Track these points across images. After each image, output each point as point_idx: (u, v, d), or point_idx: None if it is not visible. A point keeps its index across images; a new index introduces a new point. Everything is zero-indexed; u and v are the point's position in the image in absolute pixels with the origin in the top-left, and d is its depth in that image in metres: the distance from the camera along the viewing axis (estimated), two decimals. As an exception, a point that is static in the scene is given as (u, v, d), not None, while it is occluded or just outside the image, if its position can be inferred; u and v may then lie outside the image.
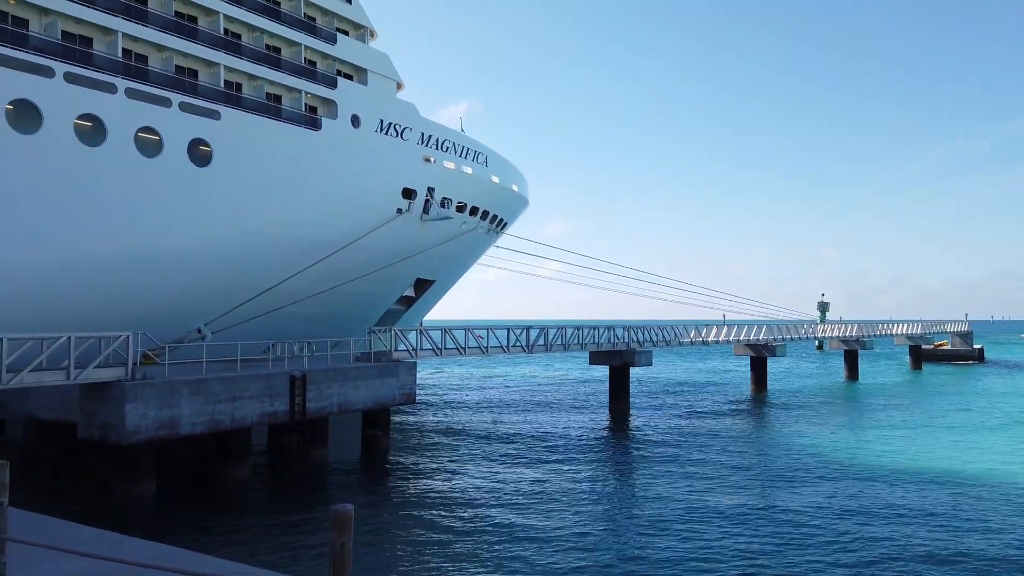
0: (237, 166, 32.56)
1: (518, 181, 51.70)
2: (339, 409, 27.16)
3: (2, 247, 26.08)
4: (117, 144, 28.64)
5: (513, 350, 35.84)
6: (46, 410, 23.79)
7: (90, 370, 20.40)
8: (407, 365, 30.24)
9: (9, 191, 25.97)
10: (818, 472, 26.12)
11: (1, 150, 25.69)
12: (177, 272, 30.89)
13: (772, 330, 55.82)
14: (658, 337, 45.49)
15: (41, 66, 26.90)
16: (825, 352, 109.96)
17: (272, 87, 35.89)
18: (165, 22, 31.67)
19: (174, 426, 21.77)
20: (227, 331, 29.60)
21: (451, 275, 50.05)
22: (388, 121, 39.66)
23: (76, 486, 22.74)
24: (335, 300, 36.99)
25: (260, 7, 35.54)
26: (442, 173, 42.60)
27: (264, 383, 24.61)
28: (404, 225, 40.25)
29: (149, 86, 30.10)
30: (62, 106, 27.25)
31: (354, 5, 40.92)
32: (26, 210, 26.47)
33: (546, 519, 19.90)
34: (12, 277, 26.34)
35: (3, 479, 5.32)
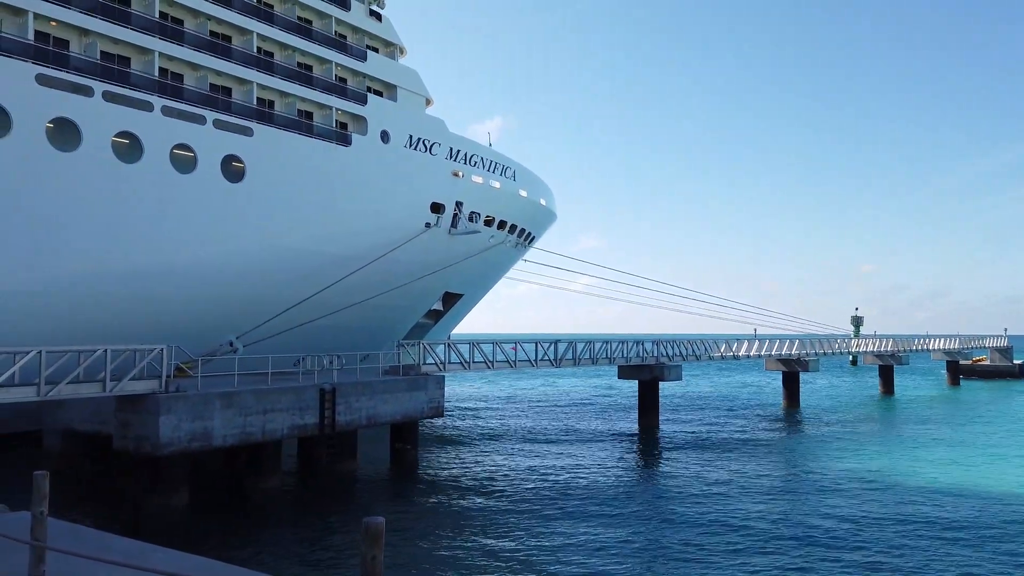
0: (269, 182, 33.08)
1: (546, 195, 51.78)
2: (368, 422, 27.26)
3: (43, 262, 26.74)
4: (153, 161, 29.28)
5: (541, 364, 35.72)
6: (82, 421, 24.21)
7: (125, 382, 20.74)
8: (435, 379, 30.28)
9: (49, 207, 26.65)
10: (852, 490, 25.56)
11: (42, 167, 26.38)
12: (210, 286, 31.39)
13: (804, 344, 54.96)
14: (688, 351, 45.03)
15: (81, 85, 27.66)
16: (859, 367, 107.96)
17: (304, 104, 36.47)
18: (200, 41, 32.39)
19: (206, 438, 22.00)
20: (258, 344, 29.94)
21: (479, 289, 50.19)
22: (417, 136, 40.03)
23: (111, 497, 23.06)
24: (364, 313, 37.27)
25: (292, 26, 36.21)
26: (470, 187, 42.84)
27: (294, 396, 24.80)
28: (432, 239, 40.50)
29: (184, 104, 30.78)
30: (100, 124, 27.97)
31: (384, 23, 41.50)
32: (66, 226, 27.13)
33: (575, 533, 19.71)
34: (52, 291, 26.97)
35: (43, 490, 5.40)
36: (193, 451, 21.86)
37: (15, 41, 26.41)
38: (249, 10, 34.30)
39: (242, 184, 32.16)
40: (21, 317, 26.15)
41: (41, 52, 27.01)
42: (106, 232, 28.14)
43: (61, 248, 27.13)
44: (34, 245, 26.46)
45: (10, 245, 25.92)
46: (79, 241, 27.52)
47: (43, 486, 5.43)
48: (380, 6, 42.44)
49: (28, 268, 26.41)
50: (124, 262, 28.77)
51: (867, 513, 22.26)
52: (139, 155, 28.94)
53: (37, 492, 5.38)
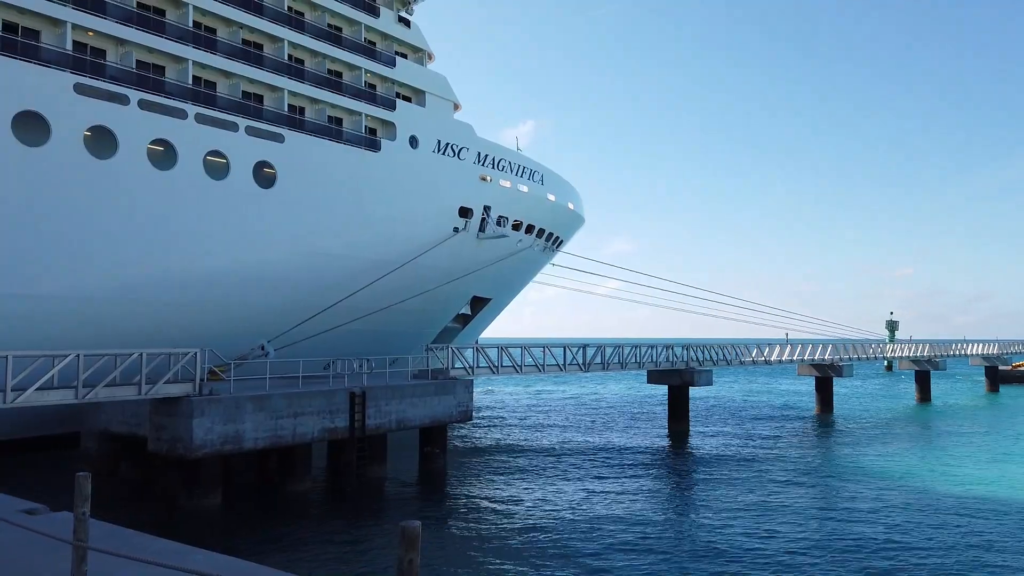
0: (300, 187, 33.43)
1: (574, 199, 51.65)
2: (397, 426, 27.35)
3: (80, 269, 27.29)
4: (187, 167, 29.76)
5: (569, 368, 35.56)
6: (119, 424, 24.63)
7: (160, 385, 21.06)
8: (464, 383, 30.30)
9: (87, 214, 27.20)
10: (887, 499, 25.03)
11: (80, 175, 26.94)
12: (242, 290, 31.78)
13: (838, 349, 54.04)
14: (718, 356, 44.53)
15: (117, 94, 28.21)
16: (894, 372, 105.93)
17: (333, 110, 36.82)
18: (233, 49, 32.87)
19: (238, 441, 22.25)
20: (289, 348, 30.23)
21: (507, 293, 50.19)
22: (445, 141, 40.19)
23: (146, 497, 23.41)
24: (393, 318, 37.46)
25: (323, 33, 36.60)
26: (498, 192, 42.88)
27: (325, 399, 24.98)
28: (461, 243, 40.59)
29: (217, 111, 31.24)
30: (136, 132, 28.49)
31: (413, 29, 41.76)
32: (102, 233, 27.66)
33: (604, 538, 19.55)
34: (90, 297, 27.50)
35: (85, 491, 5.47)
36: (225, 453, 22.12)
37: (54, 51, 27.04)
38: (280, 18, 34.75)
39: (273, 190, 32.54)
40: (59, 322, 26.69)
41: (79, 62, 27.62)
42: (141, 238, 28.63)
43: (98, 254, 27.66)
44: (72, 252, 27.02)
45: (49, 252, 26.49)
46: (115, 248, 28.04)
47: (85, 487, 5.50)
48: (409, 12, 42.74)
49: (66, 274, 26.96)
50: (159, 268, 29.25)
51: (902, 523, 21.77)
52: (173, 162, 29.44)
53: (79, 493, 5.46)
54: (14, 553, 7.68)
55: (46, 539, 6.57)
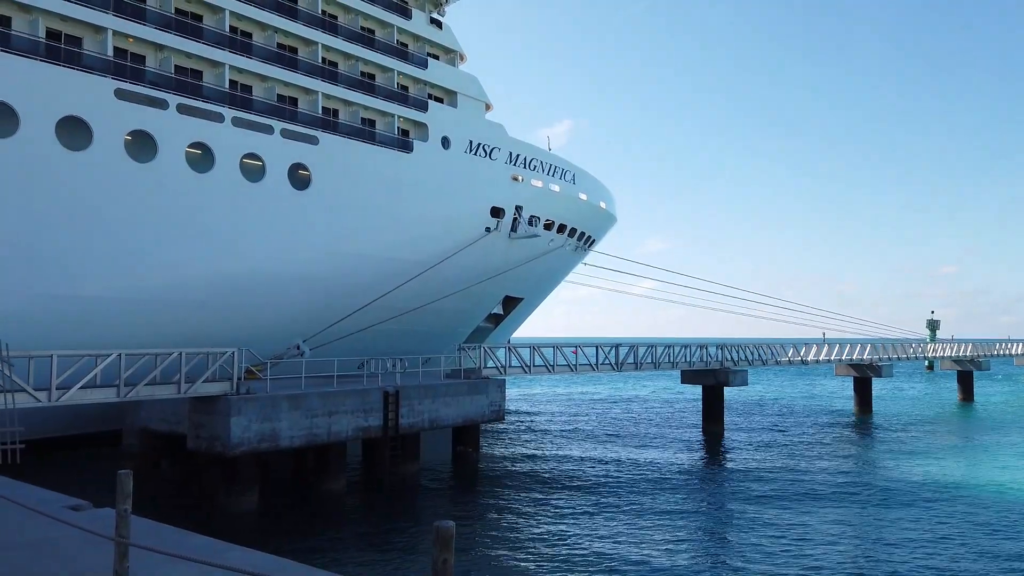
0: (334, 189, 33.80)
1: (606, 198, 51.40)
2: (430, 425, 27.49)
3: (122, 271, 27.91)
4: (224, 170, 30.26)
5: (602, 368, 35.38)
6: (159, 421, 25.14)
7: (199, 384, 21.44)
8: (496, 382, 30.34)
9: (128, 217, 27.81)
10: (930, 501, 24.45)
11: (121, 178, 27.56)
12: (278, 291, 32.21)
13: (877, 349, 52.96)
14: (753, 356, 43.94)
15: (156, 99, 28.80)
16: (936, 373, 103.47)
17: (367, 112, 37.14)
18: (268, 54, 33.35)
19: (274, 439, 22.56)
20: (323, 348, 30.57)
21: (539, 292, 50.13)
22: (477, 142, 40.28)
23: (185, 494, 23.86)
24: (426, 317, 37.66)
25: (356, 36, 36.94)
26: (530, 191, 42.85)
27: (359, 398, 25.20)
28: (493, 243, 40.65)
29: (253, 114, 31.72)
30: (175, 135, 29.05)
31: (444, 30, 41.93)
32: (143, 235, 28.26)
33: (639, 539, 19.41)
34: (131, 297, 28.12)
35: (126, 489, 5.59)
36: (262, 451, 22.43)
37: (96, 57, 27.69)
38: (314, 22, 35.16)
39: (308, 191, 32.94)
40: (102, 322, 27.33)
41: (120, 67, 28.25)
42: (180, 240, 29.19)
43: (139, 256, 28.27)
44: (114, 254, 27.65)
45: (92, 254, 27.14)
46: (155, 249, 28.63)
47: (127, 485, 5.62)
48: (441, 14, 42.92)
49: (109, 276, 27.60)
50: (197, 269, 29.80)
51: (943, 526, 21.24)
52: (211, 165, 29.96)
53: (121, 491, 5.57)
54: (60, 548, 7.89)
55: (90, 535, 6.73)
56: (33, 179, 25.59)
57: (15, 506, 6.99)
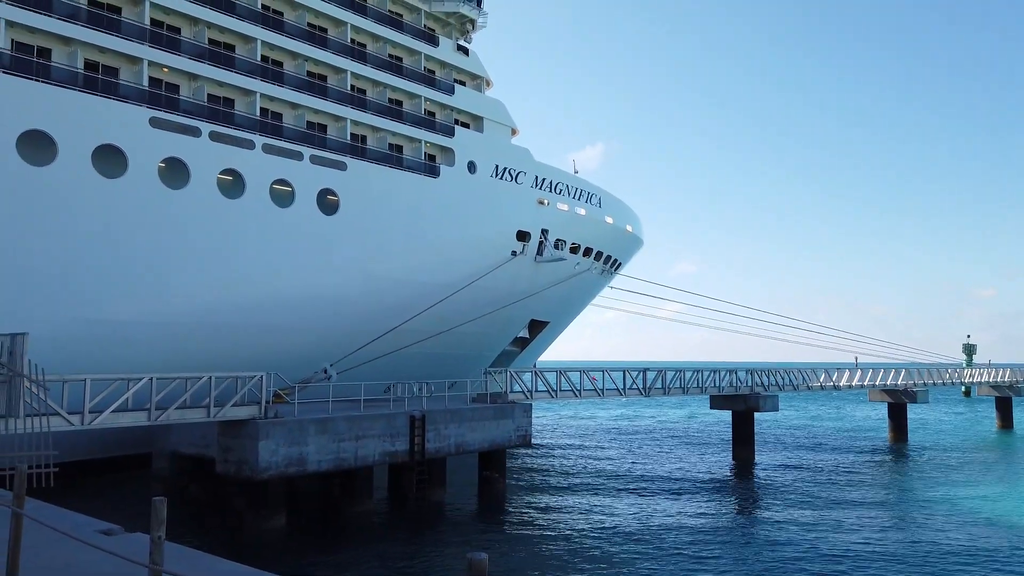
0: (362, 213, 34.11)
1: (632, 221, 51.27)
2: (457, 450, 27.34)
3: (154, 296, 28.32)
4: (254, 196, 30.71)
5: (630, 393, 35.00)
6: (188, 445, 25.31)
7: (227, 408, 21.57)
8: (522, 407, 30.13)
9: (160, 242, 28.28)
10: (966, 532, 23.67)
11: (154, 205, 28.08)
12: (307, 315, 32.45)
13: (912, 374, 51.80)
14: (784, 381, 43.21)
15: (189, 127, 29.39)
16: (973, 399, 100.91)
17: (394, 138, 37.57)
18: (298, 82, 33.95)
19: (302, 463, 22.56)
20: (350, 371, 30.66)
21: (565, 316, 49.95)
22: (503, 166, 40.50)
23: (213, 518, 23.91)
24: (452, 341, 37.65)
25: (384, 64, 37.52)
26: (556, 215, 42.90)
27: (385, 423, 25.16)
28: (519, 267, 40.67)
29: (283, 141, 32.23)
30: (207, 162, 29.58)
31: (471, 57, 42.41)
32: (175, 260, 28.69)
33: (669, 568, 19.00)
34: (163, 321, 28.49)
35: (160, 516, 5.58)
36: (289, 475, 22.44)
37: (132, 87, 28.40)
38: (343, 50, 35.78)
39: (336, 216, 33.29)
40: (134, 346, 27.70)
41: (154, 97, 28.92)
42: (211, 265, 29.59)
43: (171, 281, 28.69)
44: (147, 278, 28.08)
45: (125, 279, 27.60)
46: (187, 275, 29.04)
47: (161, 512, 5.61)
48: (467, 41, 43.48)
49: (142, 300, 28.02)
50: (227, 293, 30.14)
51: (982, 557, 20.51)
52: (241, 191, 30.43)
53: (155, 518, 5.57)
54: (92, 573, 7.89)
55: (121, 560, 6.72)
56: (69, 206, 26.17)
57: (47, 530, 7.02)
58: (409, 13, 40.01)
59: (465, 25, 42.97)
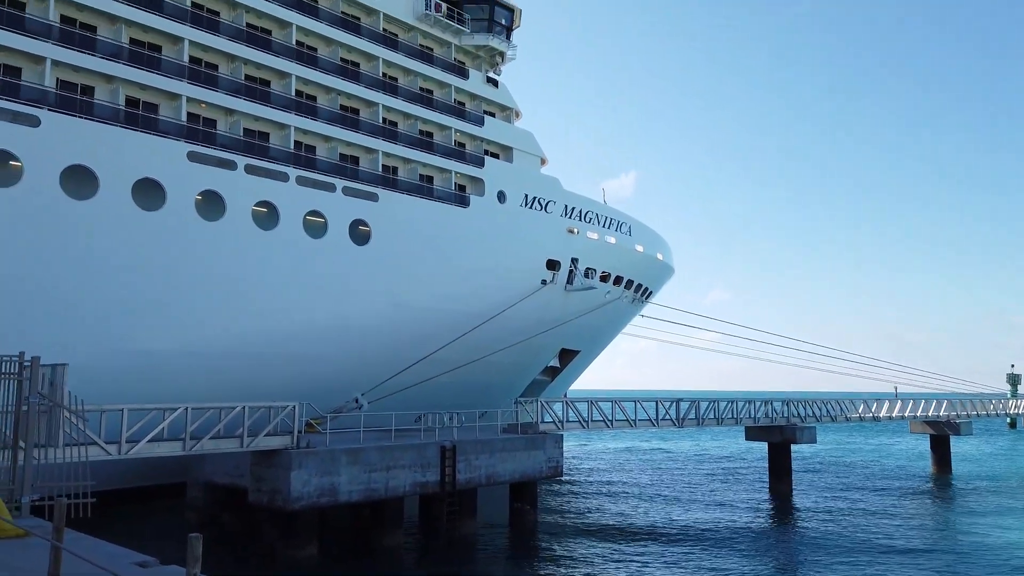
0: (393, 244, 34.43)
1: (663, 249, 51.00)
2: (487, 481, 27.08)
3: (191, 326, 28.74)
4: (288, 227, 31.17)
5: (663, 424, 34.47)
6: (222, 475, 25.42)
7: (260, 438, 21.66)
8: (554, 438, 29.83)
9: (196, 273, 28.76)
10: (1017, 569, 22.69)
11: (191, 237, 28.62)
12: (339, 345, 32.64)
13: (955, 405, 50.32)
14: (822, 412, 42.26)
15: (226, 160, 30.04)
16: (1019, 430, 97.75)
17: (425, 169, 37.99)
18: (332, 115, 34.60)
19: (333, 493, 22.51)
20: (380, 401, 30.68)
21: (596, 345, 49.60)
22: (532, 195, 40.67)
23: (246, 547, 23.90)
24: (482, 370, 37.55)
25: (415, 96, 38.11)
26: (585, 244, 42.85)
27: (416, 453, 25.05)
28: (549, 296, 40.58)
29: (317, 173, 32.77)
30: (242, 195, 30.15)
31: (500, 89, 42.90)
32: (210, 290, 29.14)
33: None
34: (198, 352, 28.85)
35: (196, 552, 5.56)
36: (321, 506, 22.39)
37: (170, 123, 29.17)
38: (376, 84, 36.44)
39: (368, 247, 33.62)
40: (171, 376, 28.05)
41: (192, 132, 29.66)
42: (246, 296, 29.99)
43: (207, 312, 29.10)
44: (182, 308, 28.52)
45: (163, 310, 28.06)
46: (223, 305, 29.44)
47: (196, 548, 5.59)
48: (497, 73, 44.03)
49: (176, 330, 28.43)
50: (262, 323, 30.47)
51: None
52: (276, 222, 30.91)
53: (191, 554, 5.55)
54: (125, 605, 7.86)
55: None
56: (109, 238, 26.78)
57: (82, 562, 7.04)
58: (440, 47, 40.69)
59: (495, 57, 43.55)
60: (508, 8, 42.67)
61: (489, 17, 41.66)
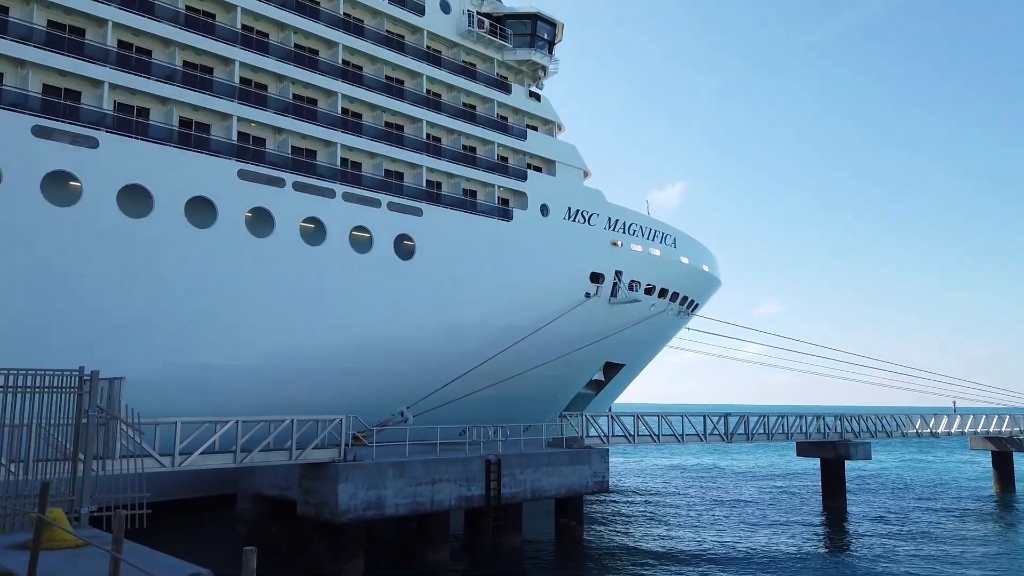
0: (437, 258, 34.67)
1: (709, 261, 50.32)
2: (532, 495, 26.90)
3: (241, 340, 29.30)
4: (335, 243, 31.65)
5: (710, 439, 33.85)
6: (271, 487, 25.76)
7: (308, 451, 21.91)
8: (599, 452, 29.51)
9: (246, 289, 29.35)
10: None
11: (241, 253, 29.25)
12: (384, 358, 32.92)
13: (1017, 420, 48.30)
14: (876, 427, 40.99)
15: (274, 178, 30.69)
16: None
17: (468, 183, 38.23)
18: (377, 132, 35.12)
19: (380, 507, 22.61)
20: (425, 414, 30.79)
21: (641, 358, 49.08)
22: (575, 208, 40.58)
23: (294, 560, 24.14)
24: (526, 384, 37.43)
25: (458, 112, 38.46)
26: (629, 256, 42.52)
27: (461, 467, 25.03)
28: (593, 309, 40.33)
29: (362, 189, 33.25)
30: (291, 211, 30.74)
31: (543, 103, 43.02)
32: (259, 305, 29.69)
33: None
34: (247, 366, 29.39)
35: (251, 565, 5.61)
36: (368, 519, 22.50)
37: (222, 142, 29.93)
38: (420, 100, 36.88)
39: (412, 261, 33.92)
40: (223, 389, 28.61)
41: (242, 150, 30.39)
42: (295, 311, 30.48)
43: (255, 325, 29.65)
44: (232, 323, 29.12)
45: (214, 324, 28.69)
46: (272, 320, 29.97)
47: (251, 561, 5.64)
48: (539, 87, 44.18)
49: (228, 344, 29.02)
50: (309, 337, 30.92)
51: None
52: (323, 238, 31.42)
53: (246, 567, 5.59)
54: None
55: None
56: (164, 255, 27.54)
57: (140, 572, 7.16)
58: (482, 63, 41.01)
59: (537, 72, 43.70)
60: (550, 23, 42.82)
61: (531, 32, 41.86)
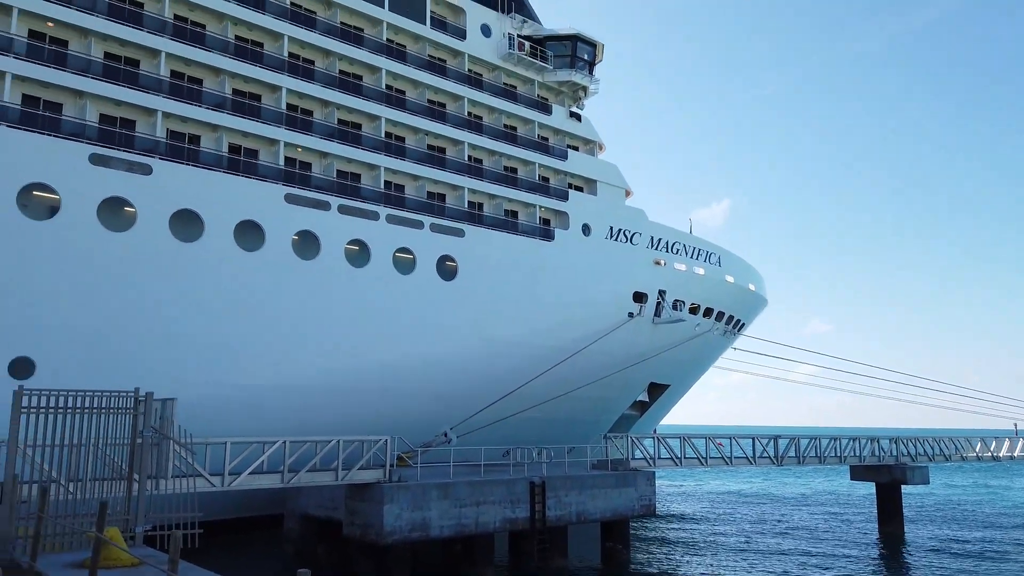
0: (479, 278, 34.78)
1: (755, 280, 49.47)
2: (577, 518, 26.55)
3: (288, 361, 29.69)
4: (379, 264, 32.00)
5: (760, 462, 33.01)
6: (317, 507, 25.91)
7: (354, 472, 22.01)
8: (645, 475, 29.02)
9: (292, 310, 29.79)
10: None
11: (288, 275, 29.75)
12: (427, 378, 33.02)
13: (1085, 443, 46.10)
14: (934, 450, 39.53)
15: (320, 201, 31.23)
16: None
17: (510, 204, 38.37)
18: (420, 155, 35.55)
19: (425, 528, 22.54)
20: (469, 435, 30.72)
21: (686, 379, 48.32)
22: (617, 228, 40.38)
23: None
24: (570, 405, 37.13)
25: (500, 134, 38.73)
26: (673, 275, 42.07)
27: (505, 488, 24.85)
28: (636, 329, 39.92)
29: (405, 211, 33.61)
30: (336, 234, 31.21)
31: (584, 123, 43.08)
32: (305, 326, 30.09)
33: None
34: (294, 386, 29.74)
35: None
36: (413, 540, 22.44)
37: (269, 167, 30.62)
38: (462, 123, 37.27)
39: (455, 282, 34.08)
40: (270, 410, 28.99)
41: (289, 175, 31.03)
42: (340, 332, 30.83)
43: (301, 346, 30.05)
44: (279, 344, 29.55)
45: (262, 345, 29.14)
46: (318, 341, 30.35)
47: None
48: (580, 107, 44.25)
49: (276, 365, 29.43)
50: (354, 358, 31.20)
51: None
52: (367, 260, 31.80)
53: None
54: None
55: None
56: (214, 278, 28.15)
57: (193, 592, 7.20)
58: (523, 84, 41.30)
59: (577, 92, 43.82)
60: (590, 43, 42.96)
61: (572, 53, 42.05)
